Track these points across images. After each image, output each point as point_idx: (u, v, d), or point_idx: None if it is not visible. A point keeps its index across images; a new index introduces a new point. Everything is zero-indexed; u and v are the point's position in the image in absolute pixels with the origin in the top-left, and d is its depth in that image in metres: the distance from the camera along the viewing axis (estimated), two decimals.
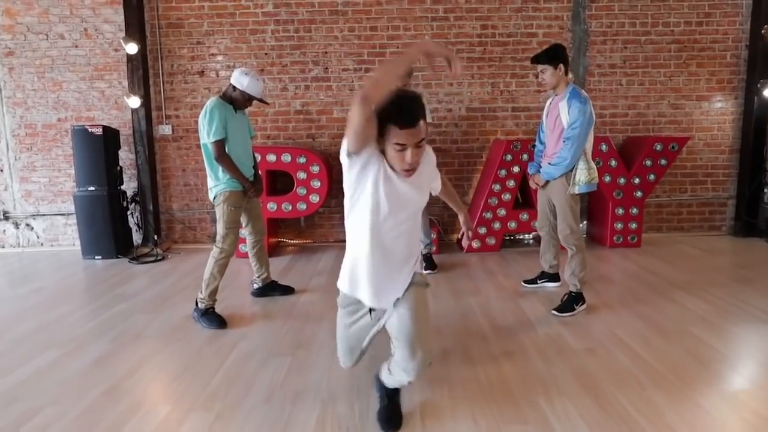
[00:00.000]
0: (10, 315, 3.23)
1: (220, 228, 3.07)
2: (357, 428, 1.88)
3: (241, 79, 2.98)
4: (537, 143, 3.32)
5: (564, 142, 2.91)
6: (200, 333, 2.83)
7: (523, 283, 3.55)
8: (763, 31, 4.65)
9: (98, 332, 2.90)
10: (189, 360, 2.49)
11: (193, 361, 2.48)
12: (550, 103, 3.10)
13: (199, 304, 2.98)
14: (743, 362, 2.37)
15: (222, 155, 2.94)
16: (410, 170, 1.61)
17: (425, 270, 3.85)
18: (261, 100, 3.13)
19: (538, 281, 3.51)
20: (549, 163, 3.01)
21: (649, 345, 2.53)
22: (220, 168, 2.99)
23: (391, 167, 1.62)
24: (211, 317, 2.94)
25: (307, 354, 2.53)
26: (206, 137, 2.93)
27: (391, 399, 1.90)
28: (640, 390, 2.09)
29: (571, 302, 2.99)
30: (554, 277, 3.49)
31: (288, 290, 3.51)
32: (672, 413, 1.91)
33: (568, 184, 2.93)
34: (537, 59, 2.96)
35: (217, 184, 3.05)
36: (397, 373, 1.75)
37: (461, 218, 2.10)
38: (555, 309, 2.98)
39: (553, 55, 2.90)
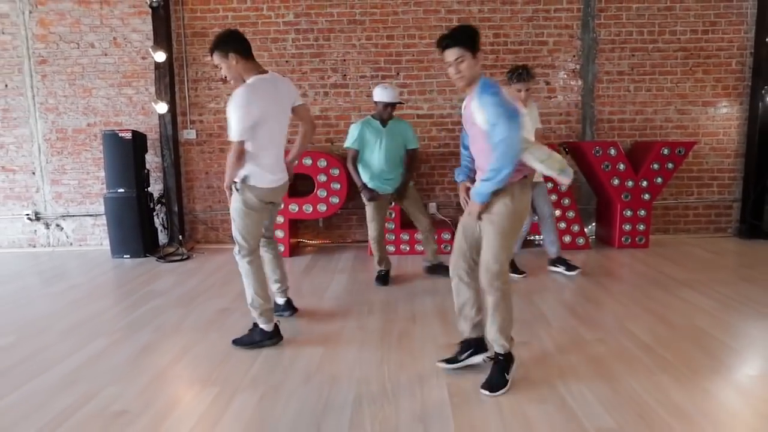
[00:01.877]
0: (52, 310, 3.44)
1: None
2: (391, 404, 2.06)
3: (374, 93, 3.77)
4: (461, 148, 2.48)
5: (493, 148, 2.05)
6: (235, 325, 3.02)
7: (441, 364, 2.35)
8: (767, 39, 4.81)
9: (139, 324, 3.10)
10: (228, 348, 2.68)
11: (232, 350, 2.67)
12: (464, 106, 2.25)
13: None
14: (748, 353, 2.53)
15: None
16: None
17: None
18: (396, 103, 3.75)
19: (460, 358, 2.33)
20: (482, 180, 2.11)
21: (657, 336, 2.69)
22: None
23: None
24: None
25: (337, 345, 2.71)
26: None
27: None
28: (649, 375, 2.26)
29: (501, 372, 2.16)
30: (480, 345, 2.34)
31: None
32: (680, 395, 2.08)
33: (511, 202, 2.11)
34: (448, 43, 2.08)
35: None
36: None
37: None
38: (483, 387, 2.13)
39: (471, 39, 2.08)
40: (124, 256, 4.91)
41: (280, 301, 3.15)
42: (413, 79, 5.12)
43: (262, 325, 2.68)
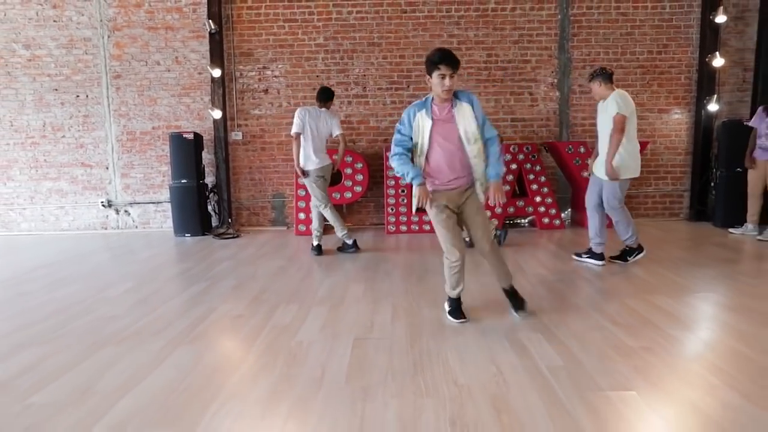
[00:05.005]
0: (150, 266, 4.55)
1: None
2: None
3: None
4: (403, 151, 2.92)
5: (492, 142, 2.86)
6: (295, 275, 4.13)
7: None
8: (707, 59, 5.94)
9: (223, 274, 4.21)
10: (297, 285, 3.79)
11: (299, 286, 3.77)
12: (438, 111, 2.82)
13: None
14: (663, 286, 3.63)
15: None
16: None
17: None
18: None
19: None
20: (497, 165, 2.89)
21: (609, 283, 3.81)
22: None
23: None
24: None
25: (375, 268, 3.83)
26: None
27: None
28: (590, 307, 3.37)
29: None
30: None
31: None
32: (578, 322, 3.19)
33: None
34: (454, 61, 2.71)
35: None
36: None
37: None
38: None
39: (459, 63, 2.74)
40: (186, 234, 6.02)
41: (349, 241, 4.85)
42: (421, 90, 6.22)
43: (347, 240, 4.81)
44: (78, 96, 6.36)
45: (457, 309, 2.97)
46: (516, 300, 3.04)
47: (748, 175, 5.22)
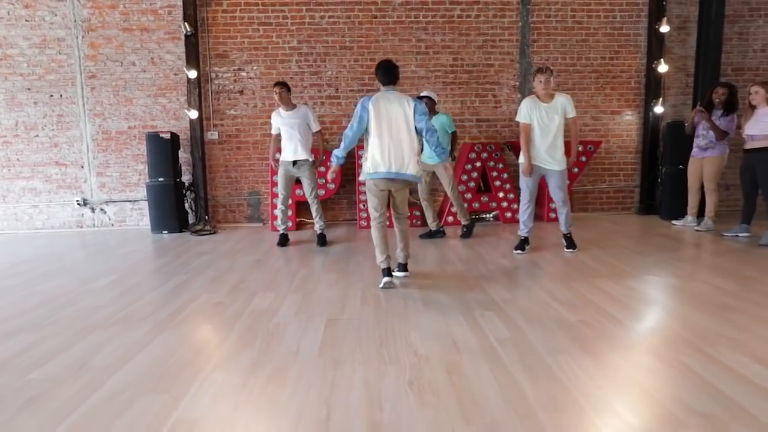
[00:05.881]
0: (130, 262, 4.72)
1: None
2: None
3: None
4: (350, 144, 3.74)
5: (432, 133, 3.73)
6: (272, 267, 4.38)
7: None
8: (654, 65, 6.44)
9: (202, 268, 4.42)
10: (272, 276, 4.04)
11: (276, 277, 4.03)
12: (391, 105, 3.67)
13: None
14: (604, 270, 4.03)
15: None
16: None
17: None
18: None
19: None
20: (440, 150, 3.80)
21: (554, 266, 4.19)
22: None
23: None
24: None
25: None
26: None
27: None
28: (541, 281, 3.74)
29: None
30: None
31: None
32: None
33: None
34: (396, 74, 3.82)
35: None
36: None
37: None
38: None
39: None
40: (163, 232, 6.18)
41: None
42: None
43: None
44: (52, 95, 6.43)
45: (385, 271, 3.70)
46: (404, 266, 3.92)
47: (687, 171, 5.71)
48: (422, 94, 5.21)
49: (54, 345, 2.71)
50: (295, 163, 5.10)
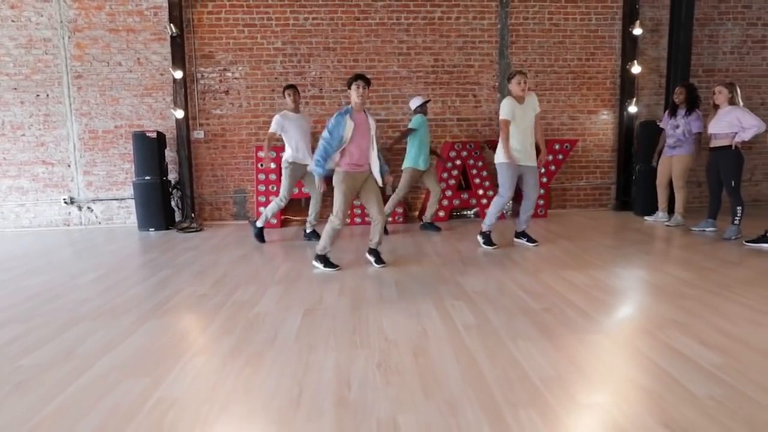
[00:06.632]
0: (118, 258, 4.84)
1: None
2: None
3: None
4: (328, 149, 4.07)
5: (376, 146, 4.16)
6: (257, 260, 4.52)
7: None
8: (628, 66, 6.66)
9: (188, 262, 4.55)
10: (256, 270, 4.18)
11: (259, 271, 4.17)
12: (355, 120, 4.06)
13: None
14: (577, 263, 4.22)
15: None
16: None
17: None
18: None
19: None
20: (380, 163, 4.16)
21: (526, 259, 4.38)
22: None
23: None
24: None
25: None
26: None
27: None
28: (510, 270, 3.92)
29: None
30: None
31: None
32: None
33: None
34: (367, 80, 4.04)
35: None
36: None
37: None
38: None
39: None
40: (150, 229, 6.28)
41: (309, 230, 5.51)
42: (373, 92, 6.69)
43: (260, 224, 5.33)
44: (38, 95, 6.50)
45: (327, 261, 4.15)
46: (378, 255, 4.26)
47: (657, 168, 5.94)
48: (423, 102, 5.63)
49: (42, 335, 2.84)
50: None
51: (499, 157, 4.69)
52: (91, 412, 2.00)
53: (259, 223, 5.35)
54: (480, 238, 4.93)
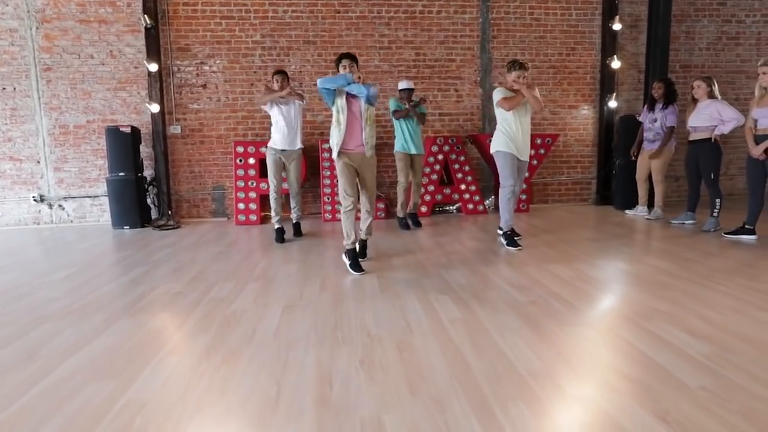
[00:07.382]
0: (92, 255, 4.65)
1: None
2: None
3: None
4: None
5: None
6: (233, 258, 4.39)
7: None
8: (607, 61, 6.70)
9: (165, 259, 4.39)
10: (234, 267, 4.06)
11: (238, 267, 4.05)
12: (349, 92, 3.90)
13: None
14: (557, 255, 4.20)
15: None
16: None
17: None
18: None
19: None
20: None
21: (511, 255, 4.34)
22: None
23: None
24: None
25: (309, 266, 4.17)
26: None
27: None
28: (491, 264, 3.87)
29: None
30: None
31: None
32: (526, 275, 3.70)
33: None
34: (354, 58, 4.15)
35: None
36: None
37: None
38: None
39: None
40: (124, 227, 6.08)
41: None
42: None
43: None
44: (4, 88, 6.23)
45: (354, 262, 3.81)
46: (364, 249, 4.15)
47: (637, 163, 5.98)
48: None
49: (4, 335, 2.68)
50: (284, 150, 5.04)
51: (496, 145, 4.51)
52: (53, 417, 1.87)
53: (275, 225, 5.17)
54: (502, 239, 4.60)
